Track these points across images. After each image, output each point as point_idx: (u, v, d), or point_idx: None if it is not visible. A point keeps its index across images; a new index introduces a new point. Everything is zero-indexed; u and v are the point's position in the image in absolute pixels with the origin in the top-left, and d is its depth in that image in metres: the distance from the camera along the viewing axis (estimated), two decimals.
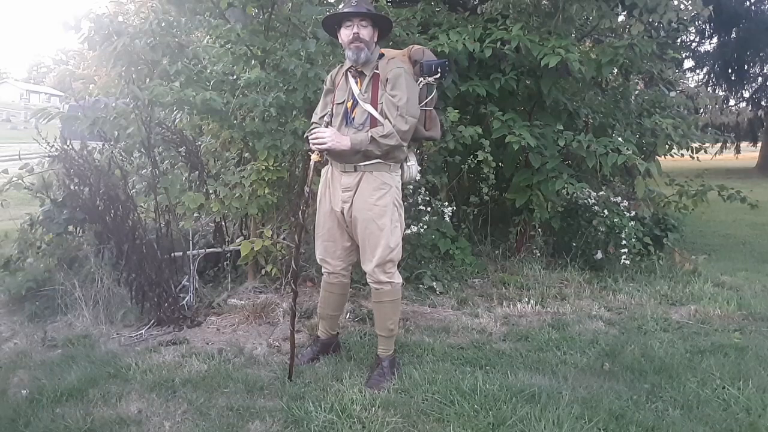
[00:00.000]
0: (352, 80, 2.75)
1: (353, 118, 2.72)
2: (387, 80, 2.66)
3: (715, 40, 18.57)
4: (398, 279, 2.83)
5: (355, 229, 2.77)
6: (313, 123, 2.90)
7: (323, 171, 2.88)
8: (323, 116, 2.81)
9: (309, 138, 2.72)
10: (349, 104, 2.74)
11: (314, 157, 2.71)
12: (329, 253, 2.90)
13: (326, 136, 2.62)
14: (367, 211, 2.70)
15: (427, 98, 2.77)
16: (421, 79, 2.75)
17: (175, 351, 3.07)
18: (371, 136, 2.61)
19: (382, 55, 2.75)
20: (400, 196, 2.80)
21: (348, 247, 2.87)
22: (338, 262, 2.89)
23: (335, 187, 2.80)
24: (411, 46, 2.94)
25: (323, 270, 2.97)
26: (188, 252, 3.78)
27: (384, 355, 2.83)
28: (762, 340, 3.38)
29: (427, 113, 2.81)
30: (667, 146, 5.08)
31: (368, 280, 2.82)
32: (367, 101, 2.69)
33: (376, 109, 2.67)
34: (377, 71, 2.70)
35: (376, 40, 2.74)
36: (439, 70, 2.74)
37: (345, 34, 2.70)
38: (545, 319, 3.70)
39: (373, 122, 2.67)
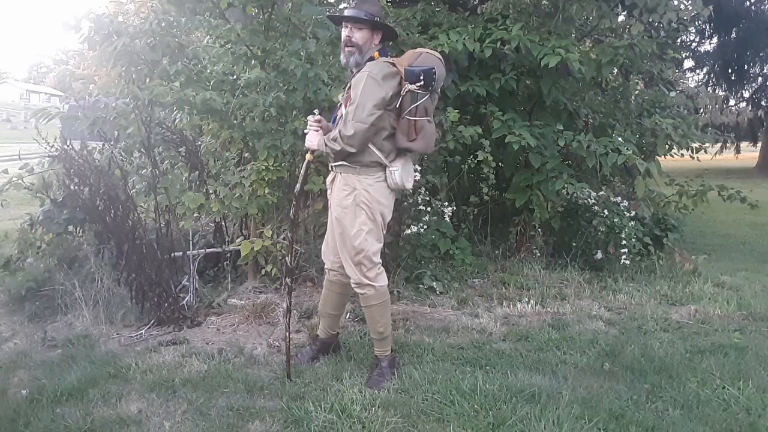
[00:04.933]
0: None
1: (335, 118, 2.81)
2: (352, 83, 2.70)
3: (715, 40, 18.60)
4: (381, 282, 2.79)
5: None
6: None
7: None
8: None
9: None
10: (338, 104, 2.84)
11: (308, 156, 2.85)
12: (329, 248, 2.94)
13: (307, 136, 2.79)
14: (334, 211, 2.77)
15: (410, 107, 2.61)
16: (406, 86, 2.61)
17: (175, 351, 3.07)
18: (324, 140, 2.69)
19: (372, 59, 2.71)
20: (371, 199, 2.69)
21: None
22: (335, 259, 2.91)
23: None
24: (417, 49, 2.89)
25: (325, 267, 3.00)
26: (188, 252, 3.78)
27: (382, 355, 2.83)
28: (762, 340, 3.38)
29: (411, 123, 2.63)
30: (667, 146, 5.08)
31: (352, 284, 2.81)
32: (343, 101, 2.75)
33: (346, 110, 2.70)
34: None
35: (377, 42, 2.73)
36: (422, 77, 2.56)
37: (342, 36, 2.73)
38: (545, 319, 3.70)
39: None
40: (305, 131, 2.84)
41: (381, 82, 2.59)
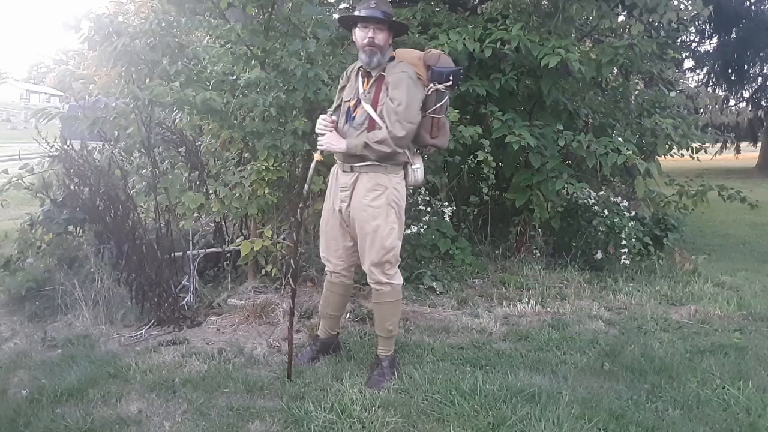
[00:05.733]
0: (360, 79, 2.76)
1: (354, 117, 2.74)
2: (390, 83, 2.66)
3: (715, 40, 18.61)
4: (399, 280, 2.83)
5: (353, 229, 2.78)
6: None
7: (332, 169, 2.88)
8: (334, 111, 2.84)
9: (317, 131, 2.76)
10: (352, 103, 2.76)
11: (317, 156, 2.77)
12: (331, 251, 2.91)
13: (324, 137, 2.70)
14: (361, 212, 2.71)
15: (435, 105, 2.68)
16: (431, 85, 2.67)
17: (175, 351, 3.07)
18: (365, 141, 2.62)
19: (392, 58, 2.74)
20: (399, 197, 2.76)
21: (350, 248, 2.87)
22: (339, 261, 2.90)
23: (336, 185, 2.82)
24: (428, 49, 2.90)
25: (326, 269, 2.98)
26: (188, 252, 3.78)
27: (384, 355, 2.83)
28: (762, 340, 3.38)
29: (434, 121, 2.72)
30: (667, 146, 5.08)
31: (368, 281, 2.83)
32: (369, 101, 2.69)
33: (376, 111, 2.67)
34: (383, 73, 2.70)
35: (390, 42, 2.74)
36: (450, 78, 2.65)
37: (360, 36, 2.69)
38: (545, 319, 3.70)
39: (372, 123, 2.67)
40: (318, 132, 2.74)
41: (418, 83, 2.66)
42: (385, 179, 2.71)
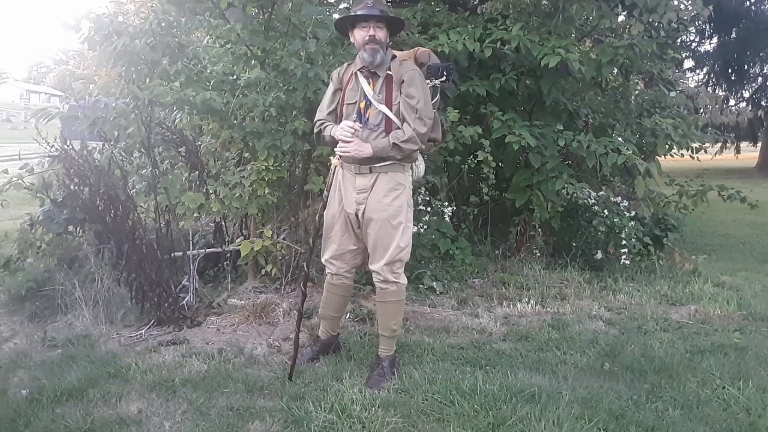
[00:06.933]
0: (363, 80, 2.73)
1: (368, 119, 2.72)
2: (402, 82, 2.67)
3: (715, 40, 18.62)
4: (404, 280, 2.84)
5: (366, 229, 2.76)
6: (318, 120, 2.87)
7: (335, 172, 2.85)
8: (330, 113, 2.83)
9: (336, 138, 2.70)
10: (362, 105, 2.73)
11: (335, 161, 2.77)
12: (335, 254, 2.89)
13: (350, 145, 2.65)
14: (382, 212, 2.71)
15: (433, 100, 2.76)
16: (427, 81, 2.75)
17: (175, 351, 3.07)
18: (392, 142, 2.63)
19: (393, 57, 2.75)
20: (410, 193, 2.81)
21: (354, 250, 2.87)
22: (343, 264, 2.89)
23: (347, 188, 2.78)
24: (416, 48, 2.94)
25: (327, 271, 2.96)
26: (188, 252, 3.78)
27: (385, 355, 2.83)
28: (762, 340, 3.38)
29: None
30: (667, 146, 5.09)
31: (375, 279, 2.82)
32: (382, 102, 2.69)
33: (391, 110, 2.68)
34: (390, 72, 2.70)
35: (388, 41, 2.75)
36: (445, 73, 2.74)
37: (360, 36, 2.68)
38: (545, 319, 3.70)
39: (388, 123, 2.68)
40: (342, 138, 2.65)
41: (424, 80, 2.72)
42: (403, 178, 2.75)
